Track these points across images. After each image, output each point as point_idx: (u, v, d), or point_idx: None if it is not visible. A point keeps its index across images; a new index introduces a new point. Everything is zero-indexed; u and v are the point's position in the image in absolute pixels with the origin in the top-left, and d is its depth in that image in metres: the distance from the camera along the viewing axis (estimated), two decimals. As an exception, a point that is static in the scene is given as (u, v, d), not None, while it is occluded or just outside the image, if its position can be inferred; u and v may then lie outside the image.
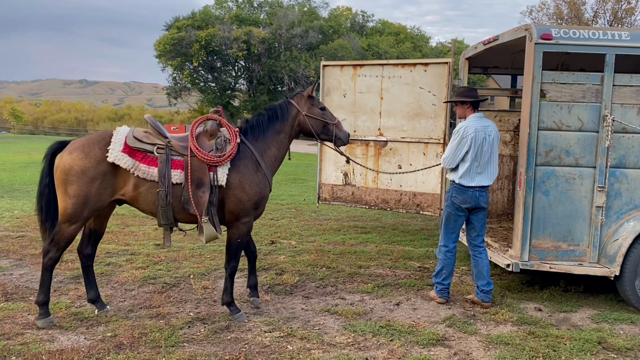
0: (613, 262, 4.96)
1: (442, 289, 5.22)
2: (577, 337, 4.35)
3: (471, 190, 4.99)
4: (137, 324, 4.46)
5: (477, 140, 4.92)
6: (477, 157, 4.95)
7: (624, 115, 5.03)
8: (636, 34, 5.07)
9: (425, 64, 7.69)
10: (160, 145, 4.48)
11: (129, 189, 4.41)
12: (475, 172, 4.97)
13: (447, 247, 5.20)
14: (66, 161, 4.34)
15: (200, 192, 4.43)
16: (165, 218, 4.45)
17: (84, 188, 4.30)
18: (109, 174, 4.37)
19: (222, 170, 4.52)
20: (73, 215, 4.34)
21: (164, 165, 4.41)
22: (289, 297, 5.30)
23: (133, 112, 78.03)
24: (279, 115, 4.93)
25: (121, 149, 4.37)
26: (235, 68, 59.92)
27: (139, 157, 4.40)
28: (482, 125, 4.99)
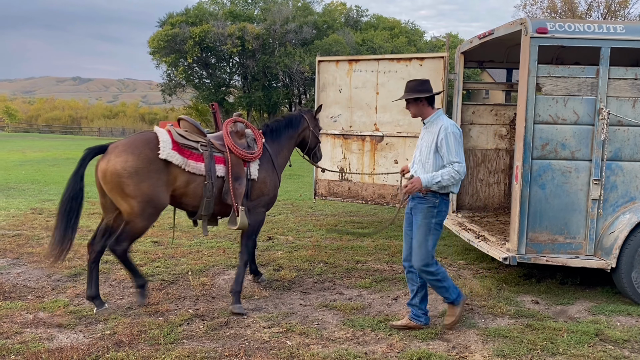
0: (609, 255, 4.99)
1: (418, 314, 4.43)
2: (575, 330, 4.38)
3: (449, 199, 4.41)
4: (135, 322, 4.46)
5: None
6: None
7: (620, 108, 5.05)
8: (631, 27, 5.09)
9: (421, 58, 7.70)
10: (203, 143, 4.84)
11: (180, 184, 4.68)
12: None
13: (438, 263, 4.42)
14: (117, 164, 4.47)
15: (237, 185, 4.89)
16: (208, 209, 4.83)
17: (142, 187, 4.48)
18: (161, 172, 4.57)
19: (254, 165, 5.05)
20: (141, 213, 4.55)
21: (209, 161, 4.76)
22: (287, 292, 5.31)
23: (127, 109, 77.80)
24: (293, 125, 5.57)
25: (171, 147, 4.62)
26: (230, 64, 59.71)
27: (187, 154, 4.70)
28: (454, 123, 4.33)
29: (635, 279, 5.00)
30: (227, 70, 60.04)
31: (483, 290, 5.36)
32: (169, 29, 51.96)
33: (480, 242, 5.75)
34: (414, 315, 4.43)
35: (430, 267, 4.30)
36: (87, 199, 10.55)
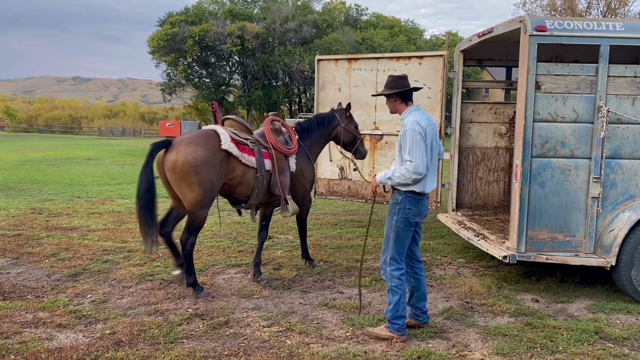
0: (609, 253, 4.99)
1: (403, 323, 4.19)
2: (574, 328, 4.38)
3: (425, 198, 4.22)
4: (135, 321, 4.46)
5: (428, 137, 4.12)
6: (430, 156, 4.16)
7: (619, 106, 5.05)
8: (630, 24, 5.08)
9: (420, 57, 7.69)
10: (252, 140, 5.38)
11: (237, 174, 5.21)
12: (430, 176, 4.17)
13: (401, 270, 4.22)
14: (187, 154, 4.90)
15: (282, 177, 5.47)
16: (258, 199, 5.39)
17: (209, 174, 4.94)
18: (224, 161, 5.08)
19: (292, 159, 5.68)
20: (204, 201, 5.02)
21: (258, 155, 5.30)
22: (287, 291, 5.31)
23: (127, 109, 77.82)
24: (325, 123, 6.11)
25: (230, 140, 5.12)
26: (230, 63, 59.71)
27: (241, 148, 5.22)
28: (425, 118, 4.17)
29: (635, 276, 4.99)
30: (226, 70, 60.03)
31: (483, 289, 5.36)
32: (169, 28, 51.97)
33: (480, 241, 5.74)
34: (413, 314, 4.42)
35: (387, 266, 4.22)
36: (87, 198, 10.59)
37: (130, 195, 11.14)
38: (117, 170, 16.40)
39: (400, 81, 4.30)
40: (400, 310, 4.16)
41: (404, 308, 4.19)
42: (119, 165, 18.44)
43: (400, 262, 4.23)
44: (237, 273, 5.85)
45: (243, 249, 6.83)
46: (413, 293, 4.40)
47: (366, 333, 4.26)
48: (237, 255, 6.57)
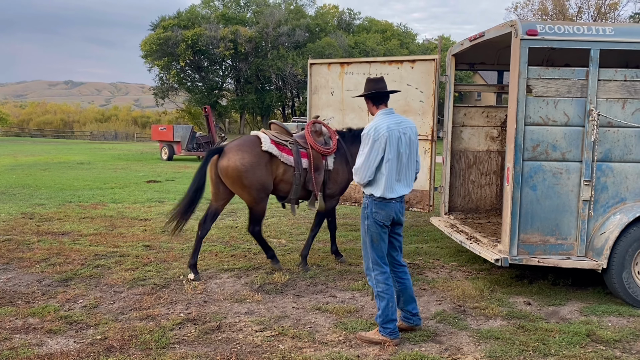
0: (600, 255, 5.01)
1: (394, 327, 4.17)
2: (566, 330, 4.39)
3: (393, 202, 4.16)
4: (127, 326, 4.43)
5: (392, 142, 4.08)
6: (394, 162, 4.12)
7: (609, 109, 5.08)
8: (620, 28, 5.12)
9: (412, 60, 7.71)
10: (291, 141, 5.97)
11: (279, 172, 5.87)
12: (395, 181, 4.14)
13: (385, 274, 4.20)
14: (236, 161, 5.68)
15: (317, 174, 6.02)
16: (296, 194, 6.00)
17: (256, 176, 5.70)
18: (267, 163, 5.78)
19: (330, 158, 6.13)
20: (257, 198, 5.82)
21: (297, 155, 5.89)
22: (280, 296, 5.30)
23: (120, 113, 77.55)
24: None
25: (270, 142, 5.80)
26: (223, 67, 59.73)
27: (281, 149, 5.86)
28: (395, 122, 4.15)
29: (626, 279, 5.02)
30: (219, 73, 60.05)
31: (475, 292, 5.36)
32: (162, 32, 51.95)
33: (472, 244, 5.75)
34: (404, 317, 4.40)
35: (371, 272, 4.22)
36: (78, 202, 10.53)
37: (122, 200, 11.10)
38: (109, 175, 16.32)
39: (372, 84, 4.29)
40: (390, 314, 4.14)
41: (393, 312, 4.17)
42: (111, 169, 18.35)
43: (382, 266, 4.21)
44: (229, 277, 5.82)
45: (236, 254, 6.81)
46: (399, 297, 4.37)
47: (359, 337, 4.25)
48: (230, 259, 6.54)
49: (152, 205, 10.53)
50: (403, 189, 4.20)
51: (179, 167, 19.68)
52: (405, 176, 4.22)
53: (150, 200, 11.23)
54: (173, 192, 12.60)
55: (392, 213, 4.16)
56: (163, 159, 23.63)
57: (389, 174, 4.11)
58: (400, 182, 4.18)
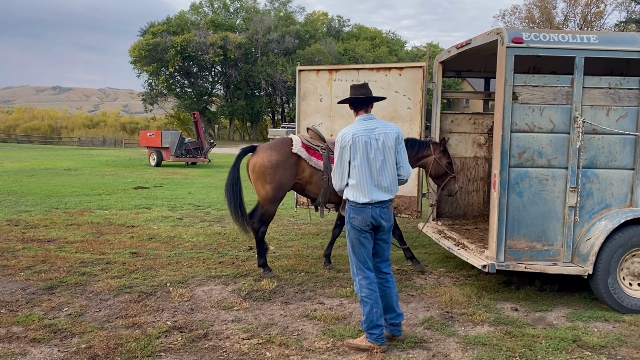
0: (586, 261, 5.05)
1: (380, 333, 4.16)
2: (553, 336, 4.41)
3: (369, 207, 4.16)
4: (112, 334, 4.38)
5: (357, 147, 4.14)
6: (364, 168, 4.16)
7: (594, 116, 5.13)
8: (604, 37, 5.19)
9: (400, 68, 7.75)
10: (323, 147, 6.20)
11: (306, 175, 6.14)
12: (369, 185, 4.16)
13: (368, 279, 4.21)
14: (264, 158, 6.02)
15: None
16: (325, 197, 6.18)
17: (279, 175, 6.00)
18: (294, 164, 6.06)
19: None
20: (273, 198, 6.06)
21: (327, 160, 6.06)
22: (268, 303, 5.27)
23: (108, 119, 77.05)
24: (415, 148, 6.23)
25: (301, 146, 6.09)
26: (212, 73, 59.68)
27: (311, 153, 6.12)
28: (366, 129, 4.19)
29: (611, 284, 5.05)
30: (209, 79, 59.99)
31: (463, 298, 5.38)
32: (151, 38, 51.84)
33: (459, 250, 5.77)
34: (385, 325, 4.34)
35: (356, 277, 4.26)
36: (65, 209, 10.43)
37: (109, 206, 11.01)
38: (97, 181, 16.20)
39: (353, 90, 4.36)
40: (375, 319, 4.13)
41: (378, 317, 4.15)
42: (98, 175, 18.22)
43: (365, 271, 4.22)
44: (217, 285, 5.79)
45: (223, 260, 6.78)
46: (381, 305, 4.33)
47: (346, 345, 4.23)
48: (218, 266, 6.51)
49: (139, 212, 10.46)
50: (381, 195, 4.18)
51: (168, 174, 19.58)
52: (383, 181, 4.20)
53: (138, 206, 11.15)
54: (161, 198, 12.53)
55: (368, 218, 4.15)
56: (151, 165, 23.49)
57: (360, 179, 4.15)
58: (378, 187, 4.18)
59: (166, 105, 61.01)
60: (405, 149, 4.36)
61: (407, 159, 4.38)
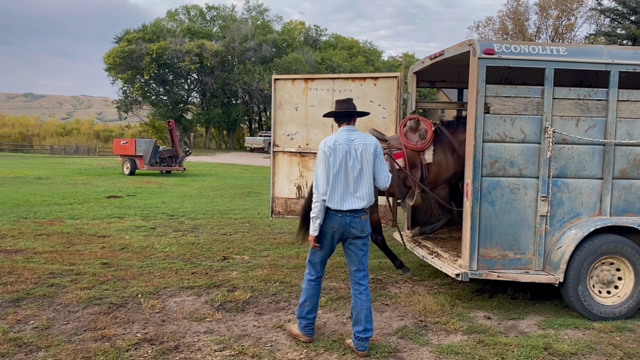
0: (557, 269, 5.12)
1: (306, 324, 4.46)
2: (525, 344, 4.45)
3: (339, 215, 4.27)
4: (80, 348, 4.27)
5: (337, 156, 4.27)
6: (341, 175, 4.28)
7: (564, 126, 5.22)
8: (573, 49, 5.30)
9: (375, 78, 7.79)
10: (384, 146, 6.22)
11: None
12: (342, 193, 4.28)
13: (312, 276, 4.49)
14: None
15: (413, 172, 6.31)
16: (401, 193, 6.36)
17: None
18: None
19: (428, 152, 6.28)
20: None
21: (391, 159, 6.20)
22: (241, 314, 5.21)
23: (82, 126, 75.89)
24: None
25: None
26: (188, 81, 59.28)
27: None
28: (346, 139, 4.33)
29: (581, 292, 5.13)
30: (185, 87, 59.58)
31: (437, 307, 5.39)
32: (126, 45, 51.29)
33: (433, 259, 5.80)
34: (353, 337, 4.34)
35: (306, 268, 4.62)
36: (34, 219, 10.19)
37: (80, 216, 10.80)
38: (69, 190, 15.88)
39: (337, 104, 4.56)
40: (304, 312, 4.46)
41: (307, 312, 4.45)
42: (70, 184, 17.87)
43: (312, 269, 4.53)
44: (189, 295, 5.70)
45: (197, 271, 6.68)
46: (351, 312, 4.38)
47: (287, 327, 4.70)
48: (191, 277, 6.41)
49: (111, 222, 10.27)
50: (355, 203, 4.28)
51: (141, 182, 19.31)
52: (358, 190, 4.31)
53: (110, 216, 10.96)
54: (134, 207, 12.34)
55: (336, 225, 4.28)
56: (125, 174, 23.15)
57: (334, 187, 4.27)
58: (353, 195, 4.29)
59: (141, 113, 60.32)
60: (384, 161, 4.46)
61: (386, 170, 4.45)
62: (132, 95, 55.90)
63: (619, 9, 38.34)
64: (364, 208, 4.32)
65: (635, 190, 5.34)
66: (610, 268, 5.25)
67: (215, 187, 18.27)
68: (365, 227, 4.35)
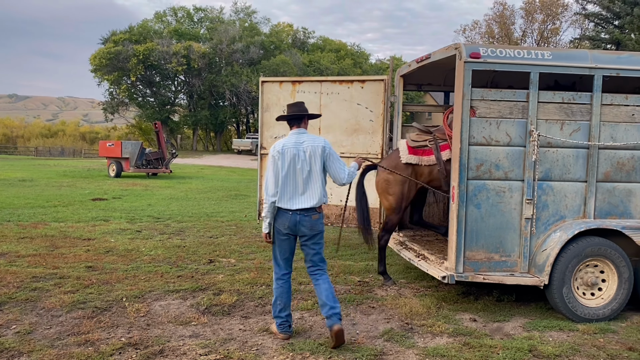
0: (542, 272, 5.15)
1: (280, 322, 4.64)
2: (510, 346, 4.47)
3: (290, 213, 4.52)
4: (63, 352, 4.21)
5: (285, 158, 4.52)
6: (290, 176, 4.53)
7: (549, 130, 5.27)
8: (557, 53, 5.35)
9: (362, 81, 7.82)
10: (430, 139, 6.24)
11: (425, 175, 6.28)
12: (291, 193, 4.53)
13: (277, 274, 4.72)
14: (381, 178, 6.42)
15: None
16: (447, 185, 5.95)
17: (397, 189, 6.29)
18: (410, 174, 6.26)
19: None
20: (396, 209, 6.33)
21: (436, 152, 6.14)
22: (227, 317, 5.17)
23: (67, 128, 75.17)
24: None
25: (407, 153, 6.27)
26: (175, 83, 58.98)
27: (420, 153, 6.24)
28: (294, 142, 4.57)
29: (566, 294, 5.17)
30: (172, 89, 59.25)
31: (423, 309, 5.40)
32: (112, 46, 50.94)
33: (420, 261, 5.81)
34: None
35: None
36: (18, 221, 10.07)
37: (65, 219, 10.68)
38: (53, 192, 15.71)
39: (288, 108, 4.81)
40: (277, 311, 4.67)
41: (279, 310, 4.66)
42: (55, 186, 17.68)
43: (276, 267, 4.75)
44: (175, 299, 5.66)
45: (182, 274, 6.63)
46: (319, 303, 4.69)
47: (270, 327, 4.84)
48: (176, 280, 6.36)
49: (96, 224, 10.17)
50: (304, 202, 4.54)
51: (127, 185, 19.16)
52: (308, 190, 4.56)
53: (95, 219, 10.85)
54: (119, 210, 12.24)
55: (287, 222, 4.54)
56: (111, 176, 22.96)
57: (283, 187, 4.54)
58: (302, 195, 4.55)
59: (127, 115, 59.91)
60: (337, 158, 4.66)
61: (340, 167, 4.65)
62: (119, 97, 55.51)
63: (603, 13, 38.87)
64: (314, 207, 4.54)
65: (618, 193, 5.40)
66: (594, 270, 5.30)
67: (202, 189, 18.18)
68: (315, 226, 4.58)
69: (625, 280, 5.24)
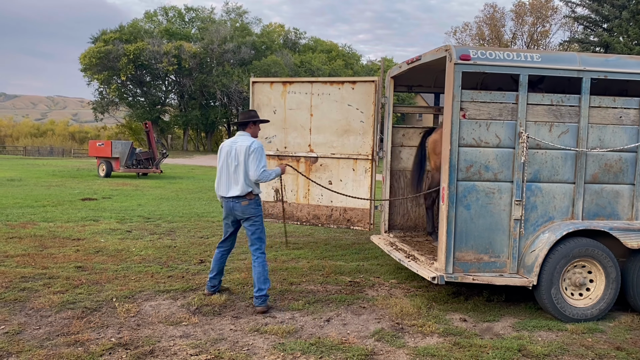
0: (531, 272, 5.20)
1: (208, 282, 5.83)
2: (499, 346, 4.51)
3: (226, 200, 5.55)
4: (52, 353, 4.19)
5: (221, 155, 5.58)
6: (224, 170, 5.54)
7: (538, 132, 5.32)
8: (546, 55, 5.40)
9: (353, 82, 7.83)
10: None
11: None
12: (226, 184, 5.52)
13: (218, 247, 5.88)
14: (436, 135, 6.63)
15: None
16: None
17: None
18: None
19: None
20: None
21: None
22: (218, 317, 5.17)
23: (57, 127, 74.54)
24: None
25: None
26: (166, 82, 58.77)
27: None
28: (232, 141, 5.58)
29: (554, 295, 5.22)
30: (162, 89, 59.03)
31: (413, 309, 5.43)
32: (102, 45, 50.67)
33: (410, 262, 5.84)
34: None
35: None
36: (6, 221, 9.98)
37: (54, 218, 10.61)
38: (42, 192, 15.59)
39: (240, 115, 5.76)
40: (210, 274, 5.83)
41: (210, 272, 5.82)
42: (44, 186, 17.55)
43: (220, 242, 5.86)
44: (165, 299, 5.64)
45: (173, 274, 6.62)
46: None
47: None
48: (167, 280, 6.35)
49: (86, 224, 10.12)
50: (235, 191, 5.47)
51: (117, 184, 19.06)
52: (237, 181, 5.45)
53: (85, 219, 10.79)
54: (109, 210, 12.17)
55: (226, 207, 5.58)
56: (100, 176, 22.83)
57: (220, 178, 5.59)
58: (234, 184, 5.47)
59: (118, 115, 59.59)
60: (256, 158, 5.37)
61: (255, 165, 5.37)
62: (109, 97, 55.22)
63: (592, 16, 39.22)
64: (241, 195, 5.43)
65: (606, 195, 5.46)
66: (582, 271, 5.36)
67: (193, 189, 18.13)
68: (246, 211, 5.49)
69: (612, 280, 5.30)
